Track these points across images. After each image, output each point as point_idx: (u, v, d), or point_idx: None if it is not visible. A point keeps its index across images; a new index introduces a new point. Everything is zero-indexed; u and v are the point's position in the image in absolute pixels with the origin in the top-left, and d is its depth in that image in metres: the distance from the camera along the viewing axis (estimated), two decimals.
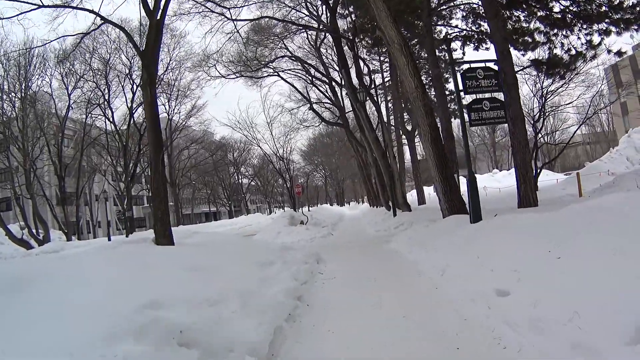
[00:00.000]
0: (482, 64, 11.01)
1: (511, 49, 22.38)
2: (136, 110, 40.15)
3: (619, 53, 17.40)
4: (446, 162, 13.18)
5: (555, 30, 17.72)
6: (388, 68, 31.34)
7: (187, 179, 61.73)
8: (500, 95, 11.46)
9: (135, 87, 38.91)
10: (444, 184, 12.83)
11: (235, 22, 23.03)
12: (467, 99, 11.19)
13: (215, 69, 29.78)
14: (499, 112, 10.67)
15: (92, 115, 40.30)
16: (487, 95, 10.98)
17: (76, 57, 36.45)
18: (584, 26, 17.14)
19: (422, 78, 14.10)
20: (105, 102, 38.67)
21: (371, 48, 31.25)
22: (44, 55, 36.51)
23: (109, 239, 29.48)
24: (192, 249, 8.67)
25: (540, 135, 26.07)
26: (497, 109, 10.64)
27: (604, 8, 16.28)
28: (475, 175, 19.51)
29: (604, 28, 16.75)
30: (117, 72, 38.43)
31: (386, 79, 33.22)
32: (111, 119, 39.66)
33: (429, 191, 38.21)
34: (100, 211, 53.17)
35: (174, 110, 47.56)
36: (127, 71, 38.57)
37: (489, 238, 7.38)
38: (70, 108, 38.99)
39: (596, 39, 17.03)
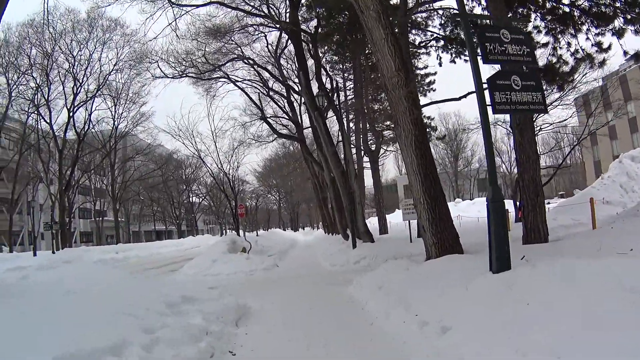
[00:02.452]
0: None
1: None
2: (77, 110, 35.81)
3: (638, 56, 14.03)
4: (435, 176, 9.37)
5: (561, 28, 14.34)
6: (352, 85, 27.82)
7: (134, 193, 56.67)
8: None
9: (77, 85, 34.67)
10: (431, 209, 8.99)
11: (178, 8, 19.10)
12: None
13: (158, 66, 25.70)
14: (536, 96, 6.77)
15: (34, 116, 35.74)
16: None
17: (21, 50, 32.60)
18: (595, 23, 13.88)
19: None
20: (45, 101, 34.22)
21: (334, 62, 27.81)
22: None
23: (34, 254, 26.22)
24: None
25: None
26: (532, 90, 6.74)
27: (618, 3, 13.14)
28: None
29: (618, 27, 13.49)
30: (59, 67, 34.50)
31: (349, 98, 29.75)
32: (48, 121, 34.84)
33: (390, 219, 34.69)
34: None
35: (120, 116, 42.70)
36: (69, 66, 34.73)
37: (576, 317, 3.49)
38: (11, 106, 34.22)
39: (607, 40, 13.82)
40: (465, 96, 19.87)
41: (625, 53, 13.93)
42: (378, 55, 9.53)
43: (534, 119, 14.17)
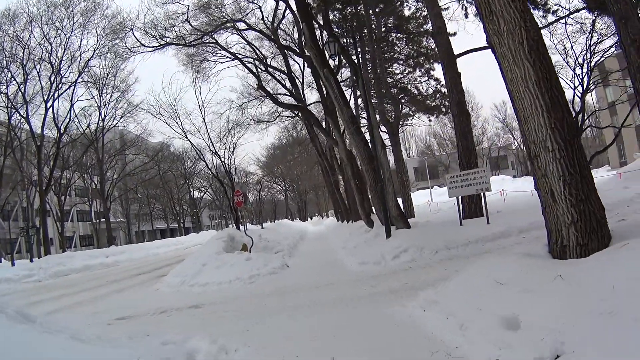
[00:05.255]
0: None
1: None
2: (55, 101, 32.11)
3: None
4: (565, 102, 5.22)
5: None
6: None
7: (130, 191, 53.56)
8: None
9: (54, 73, 30.64)
10: (568, 158, 4.95)
11: None
12: None
13: (133, 34, 21.68)
14: None
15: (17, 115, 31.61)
16: None
17: None
18: None
19: None
20: (21, 95, 30.49)
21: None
22: None
23: (13, 264, 22.36)
24: None
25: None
26: None
27: None
28: None
29: None
30: (33, 56, 30.47)
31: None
32: (25, 115, 31.08)
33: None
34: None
35: (107, 105, 38.30)
36: (45, 53, 30.82)
37: None
38: None
39: None
40: None
41: None
42: None
43: None
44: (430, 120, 29.67)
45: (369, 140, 14.89)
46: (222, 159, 19.82)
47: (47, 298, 12.57)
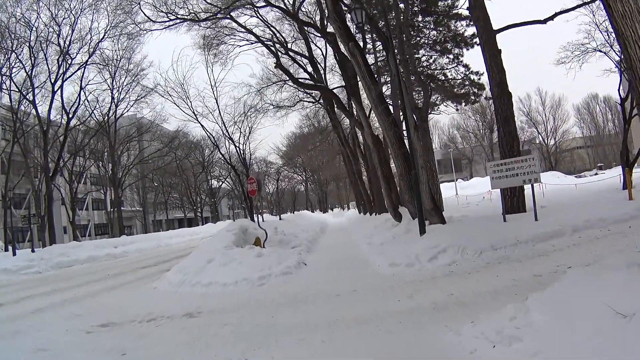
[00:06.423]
0: None
1: None
2: (63, 82, 30.99)
3: None
4: None
5: None
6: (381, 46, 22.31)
7: (147, 179, 53.06)
8: None
9: (62, 54, 29.64)
10: None
11: None
12: None
13: (141, 9, 20.33)
14: None
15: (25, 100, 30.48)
16: None
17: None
18: None
19: None
20: (28, 77, 29.32)
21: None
22: None
23: (14, 254, 20.87)
24: None
25: None
26: None
27: None
28: (475, 178, 10.85)
29: None
30: (40, 37, 29.21)
31: (380, 59, 24.21)
32: (31, 99, 29.96)
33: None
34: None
35: (121, 89, 37.23)
36: (53, 34, 29.66)
37: None
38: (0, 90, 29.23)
39: None
40: (552, 17, 15.42)
41: None
42: None
43: None
44: (457, 110, 28.45)
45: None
46: (236, 144, 18.32)
47: (38, 293, 11.40)
